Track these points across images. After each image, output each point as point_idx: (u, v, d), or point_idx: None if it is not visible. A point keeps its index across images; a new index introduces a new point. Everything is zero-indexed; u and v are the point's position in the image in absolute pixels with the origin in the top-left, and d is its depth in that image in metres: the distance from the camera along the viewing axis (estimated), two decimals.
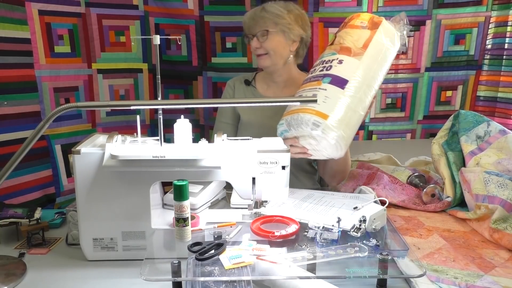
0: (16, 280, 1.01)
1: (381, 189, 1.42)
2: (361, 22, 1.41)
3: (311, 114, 1.29)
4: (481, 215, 1.24)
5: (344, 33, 1.42)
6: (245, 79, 1.76)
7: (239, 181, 1.09)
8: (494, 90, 2.20)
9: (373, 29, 1.39)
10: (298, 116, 1.31)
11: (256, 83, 1.75)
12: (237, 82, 1.77)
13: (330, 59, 1.38)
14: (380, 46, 1.38)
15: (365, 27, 1.40)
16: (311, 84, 1.37)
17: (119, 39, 2.07)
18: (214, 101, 1.66)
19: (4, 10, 1.68)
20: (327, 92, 1.31)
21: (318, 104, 1.28)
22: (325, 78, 1.34)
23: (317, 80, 1.35)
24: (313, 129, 1.29)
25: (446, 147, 1.53)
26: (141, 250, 1.09)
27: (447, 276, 1.00)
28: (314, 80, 1.36)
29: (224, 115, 1.76)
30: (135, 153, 1.03)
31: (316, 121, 1.28)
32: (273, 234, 1.04)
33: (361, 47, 1.36)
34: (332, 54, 1.39)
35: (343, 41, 1.40)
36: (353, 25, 1.42)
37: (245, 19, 1.63)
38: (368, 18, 1.42)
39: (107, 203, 1.07)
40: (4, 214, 1.22)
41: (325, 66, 1.37)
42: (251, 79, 1.76)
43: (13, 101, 1.74)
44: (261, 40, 1.57)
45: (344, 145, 1.33)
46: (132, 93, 2.15)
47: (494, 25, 2.15)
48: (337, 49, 1.39)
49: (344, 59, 1.35)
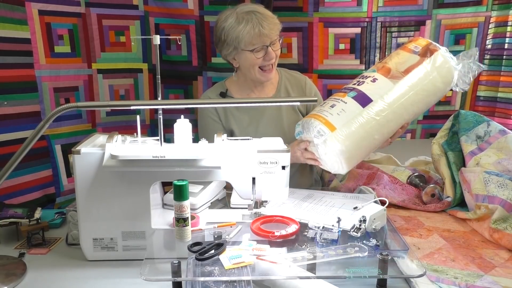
0: (16, 280, 1.01)
1: (381, 189, 1.42)
2: (415, 47, 1.35)
3: (319, 122, 1.27)
4: (481, 215, 1.24)
5: (395, 54, 1.38)
6: (220, 92, 1.66)
7: (239, 181, 1.09)
8: (494, 90, 2.20)
9: (424, 56, 1.32)
10: (310, 120, 1.29)
11: (231, 92, 1.67)
12: (212, 95, 1.68)
13: (367, 75, 1.35)
14: (426, 76, 1.30)
15: (416, 53, 1.34)
16: (338, 94, 1.34)
17: (119, 39, 2.07)
18: (214, 101, 1.65)
19: (4, 10, 1.67)
20: (346, 106, 1.28)
21: (331, 114, 1.26)
22: (351, 92, 1.30)
23: (344, 92, 1.32)
24: (316, 137, 1.27)
25: (446, 147, 1.53)
26: (141, 250, 1.09)
27: (447, 276, 1.00)
28: (342, 92, 1.34)
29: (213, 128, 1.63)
30: (135, 153, 1.03)
31: (321, 130, 1.26)
32: (273, 234, 1.04)
33: (402, 71, 1.30)
34: (372, 71, 1.36)
35: (388, 61, 1.35)
36: (406, 48, 1.37)
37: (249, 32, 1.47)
38: (424, 44, 1.35)
39: (107, 203, 1.07)
40: (4, 214, 1.22)
41: (359, 80, 1.34)
42: (225, 89, 1.66)
43: (13, 101, 1.74)
44: (275, 48, 1.51)
45: (346, 163, 1.28)
46: (132, 93, 2.15)
47: (494, 25, 2.15)
48: (379, 67, 1.35)
49: (379, 78, 1.31)
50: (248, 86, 1.67)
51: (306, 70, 2.15)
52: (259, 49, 1.50)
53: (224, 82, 1.71)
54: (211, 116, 1.66)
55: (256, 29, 1.47)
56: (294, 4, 2.12)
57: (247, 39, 1.48)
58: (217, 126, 1.65)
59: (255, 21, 1.47)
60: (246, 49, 1.51)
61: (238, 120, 1.65)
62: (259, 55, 1.51)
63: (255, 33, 1.47)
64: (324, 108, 1.31)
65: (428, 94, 1.31)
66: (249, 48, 1.50)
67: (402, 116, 1.30)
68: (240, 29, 1.48)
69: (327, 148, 1.27)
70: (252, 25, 1.47)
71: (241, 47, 1.51)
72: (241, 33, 1.48)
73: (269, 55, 1.50)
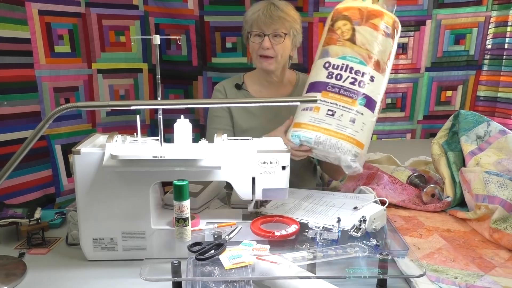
0: (16, 280, 1.01)
1: (381, 189, 1.42)
2: (386, 28, 1.29)
3: (352, 144, 1.24)
4: (481, 215, 1.24)
5: (370, 35, 1.28)
6: (236, 83, 1.67)
7: (239, 181, 1.09)
8: (494, 90, 2.20)
9: (393, 37, 1.31)
10: (338, 142, 1.23)
11: (247, 86, 1.67)
12: (227, 86, 1.68)
13: (360, 70, 1.26)
14: (393, 57, 1.32)
15: (389, 35, 1.30)
16: (344, 99, 1.26)
17: (119, 39, 2.07)
18: (214, 101, 1.64)
19: (4, 10, 1.68)
20: (364, 118, 1.25)
21: (357, 132, 1.24)
22: (360, 99, 1.26)
23: (351, 98, 1.25)
24: (353, 161, 1.25)
25: (446, 147, 1.53)
26: (141, 250, 1.09)
27: (447, 276, 1.00)
28: (347, 96, 1.26)
29: (219, 121, 1.65)
30: (135, 153, 1.03)
31: (356, 153, 1.25)
32: (273, 234, 1.04)
33: (386, 61, 1.30)
34: (360, 62, 1.27)
35: (370, 48, 1.28)
36: (377, 27, 1.29)
37: (255, 15, 1.51)
38: (392, 23, 1.31)
39: (107, 203, 1.07)
40: (4, 214, 1.22)
41: (357, 79, 1.26)
42: (241, 82, 1.68)
43: (13, 101, 1.74)
44: (274, 42, 1.51)
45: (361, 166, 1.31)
46: (132, 93, 2.15)
47: (494, 25, 2.15)
48: (365, 57, 1.27)
49: (375, 76, 1.27)
50: (261, 82, 1.66)
51: (306, 70, 2.15)
52: (256, 34, 1.53)
53: (243, 75, 1.72)
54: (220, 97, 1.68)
55: (261, 14, 1.50)
56: (294, 4, 2.11)
57: (249, 21, 1.54)
58: (224, 113, 1.65)
59: (265, 8, 1.51)
60: (246, 29, 1.57)
61: (248, 116, 1.64)
62: (255, 40, 1.54)
63: (258, 18, 1.51)
64: (346, 125, 1.25)
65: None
66: (248, 29, 1.56)
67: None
68: (250, 11, 1.56)
69: (357, 164, 1.27)
70: (260, 10, 1.52)
71: (246, 28, 1.58)
72: (249, 14, 1.55)
73: (263, 44, 1.51)
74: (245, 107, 1.65)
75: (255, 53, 1.55)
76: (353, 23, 1.30)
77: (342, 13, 1.33)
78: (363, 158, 1.28)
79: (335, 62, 1.29)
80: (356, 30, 1.29)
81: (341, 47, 1.29)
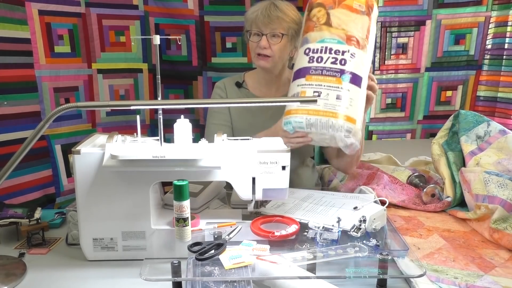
0: (16, 280, 1.01)
1: (381, 189, 1.42)
2: (359, 6, 1.30)
3: (344, 120, 1.24)
4: (481, 215, 1.24)
5: (344, 16, 1.30)
6: (236, 81, 1.69)
7: (239, 181, 1.09)
8: (494, 90, 2.20)
9: (369, 14, 1.31)
10: (329, 121, 1.24)
11: (247, 84, 1.69)
12: (228, 84, 1.70)
13: (340, 49, 1.28)
14: (373, 34, 1.33)
15: (364, 13, 1.30)
16: (328, 79, 1.27)
17: (119, 39, 2.07)
18: (214, 101, 1.64)
19: (4, 10, 1.67)
20: (351, 94, 1.26)
21: (346, 108, 1.24)
22: (344, 76, 1.26)
23: (334, 76, 1.26)
24: (347, 136, 1.25)
25: (446, 147, 1.53)
26: (141, 250, 1.09)
27: (447, 276, 1.00)
28: (330, 75, 1.27)
29: (218, 117, 1.67)
30: (135, 153, 1.03)
31: (349, 128, 1.24)
32: (273, 234, 1.04)
33: (365, 38, 1.30)
34: (339, 42, 1.28)
35: (346, 28, 1.29)
36: (351, 7, 1.30)
37: (254, 15, 1.53)
38: (365, 1, 1.32)
39: (107, 203, 1.07)
40: (4, 214, 1.22)
41: (337, 58, 1.27)
42: (242, 80, 1.70)
43: (13, 101, 1.74)
44: (272, 41, 1.52)
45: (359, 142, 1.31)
46: (132, 93, 2.15)
47: (494, 25, 2.15)
48: (343, 37, 1.28)
49: (355, 52, 1.28)
50: (261, 80, 1.67)
51: None
52: (255, 33, 1.54)
53: (244, 73, 1.73)
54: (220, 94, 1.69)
55: (260, 14, 1.52)
56: (294, 4, 2.11)
57: (249, 20, 1.56)
58: (223, 109, 1.67)
59: (264, 8, 1.53)
60: (246, 28, 1.59)
61: (247, 114, 1.65)
62: (254, 39, 1.55)
63: (256, 17, 1.52)
64: (333, 103, 1.26)
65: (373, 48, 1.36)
66: (248, 28, 1.57)
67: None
68: (250, 10, 1.57)
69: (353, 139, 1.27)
70: (259, 10, 1.53)
71: (246, 27, 1.59)
72: (249, 13, 1.57)
73: (261, 43, 1.52)
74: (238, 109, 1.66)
75: (253, 51, 1.57)
76: (327, 8, 1.32)
77: (316, 1, 1.36)
78: (358, 133, 1.28)
79: (314, 46, 1.31)
80: (331, 13, 1.31)
81: (319, 32, 1.32)
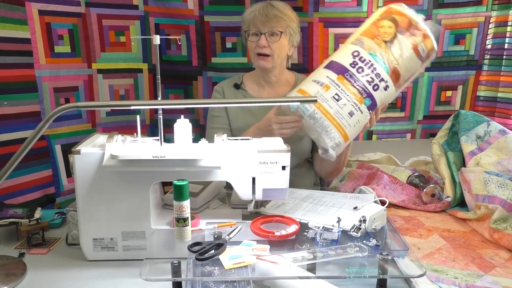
0: (16, 280, 1.01)
1: (381, 189, 1.42)
2: (423, 51, 1.29)
3: (340, 134, 1.28)
4: (481, 215, 1.24)
5: (406, 50, 1.28)
6: (234, 83, 1.70)
7: (239, 181, 1.09)
8: (494, 90, 2.20)
9: (424, 61, 1.32)
10: (329, 126, 1.27)
11: (245, 85, 1.70)
12: (226, 86, 1.71)
13: (381, 75, 1.27)
14: (414, 77, 1.36)
15: (422, 58, 1.30)
16: (354, 93, 1.27)
17: (119, 39, 2.07)
18: (214, 101, 1.64)
19: (4, 10, 1.68)
20: (361, 117, 1.29)
21: (349, 126, 1.28)
22: (367, 100, 1.28)
23: (361, 94, 1.27)
24: (332, 147, 1.29)
25: (446, 147, 1.53)
26: (141, 250, 1.09)
27: (447, 276, 1.00)
28: (358, 91, 1.27)
29: (217, 121, 1.67)
30: (135, 153, 1.03)
31: (339, 143, 1.29)
32: (273, 234, 1.04)
33: (406, 79, 1.32)
34: (385, 69, 1.27)
35: (399, 62, 1.28)
36: (415, 46, 1.28)
37: (251, 15, 1.55)
38: (430, 48, 1.30)
39: (107, 203, 1.07)
40: (4, 214, 1.22)
41: (374, 80, 1.27)
42: (240, 81, 1.70)
43: (13, 101, 1.74)
44: (271, 40, 1.53)
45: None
46: (132, 93, 2.15)
47: (494, 25, 2.15)
48: (391, 67, 1.28)
49: (390, 86, 1.29)
50: (259, 81, 1.68)
51: (306, 70, 2.15)
52: (253, 33, 1.56)
53: (242, 75, 1.74)
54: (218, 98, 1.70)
55: (258, 14, 1.54)
56: (294, 4, 2.12)
57: (247, 21, 1.57)
58: (222, 113, 1.67)
59: (261, 8, 1.55)
60: (244, 29, 1.60)
61: (245, 115, 1.66)
62: (252, 39, 1.57)
63: (254, 17, 1.54)
64: (343, 115, 1.27)
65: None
66: (246, 29, 1.58)
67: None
68: (247, 11, 1.59)
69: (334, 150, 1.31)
70: (257, 10, 1.55)
71: (244, 28, 1.60)
72: (246, 14, 1.59)
73: (260, 42, 1.53)
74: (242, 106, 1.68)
75: (253, 51, 1.58)
76: (398, 30, 1.29)
77: (392, 15, 1.32)
78: (341, 150, 1.33)
79: (364, 55, 1.29)
80: (397, 37, 1.29)
81: (376, 45, 1.29)
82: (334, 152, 1.31)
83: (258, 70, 1.65)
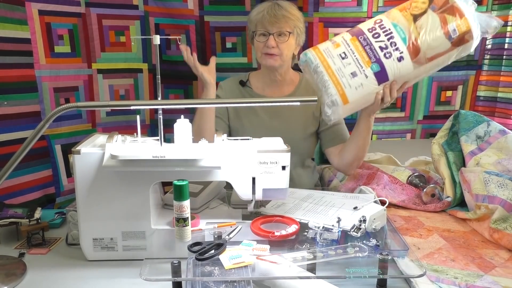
0: (16, 280, 1.01)
1: (381, 189, 1.42)
2: (454, 31, 1.21)
3: (337, 92, 1.25)
4: (481, 215, 1.24)
5: (433, 27, 1.21)
6: (240, 80, 1.72)
7: (239, 181, 1.09)
8: (494, 90, 2.20)
9: (456, 46, 1.23)
10: (327, 82, 1.25)
11: (251, 83, 1.71)
12: (230, 83, 1.73)
13: (397, 44, 1.23)
14: (445, 60, 1.27)
15: (451, 39, 1.22)
16: (363, 55, 1.24)
17: (119, 39, 2.07)
18: (214, 101, 1.64)
19: (4, 10, 1.67)
20: (366, 81, 1.25)
21: (350, 87, 1.24)
22: (375, 64, 1.24)
23: (369, 57, 1.24)
24: (328, 105, 1.27)
25: (446, 147, 1.53)
26: (141, 250, 1.09)
27: (447, 276, 1.00)
28: (367, 54, 1.24)
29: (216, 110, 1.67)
30: (135, 153, 1.03)
31: (335, 101, 1.26)
32: (273, 234, 1.04)
33: (428, 58, 1.24)
34: (403, 40, 1.22)
35: (422, 37, 1.22)
36: (445, 24, 1.21)
37: (260, 15, 1.55)
38: (464, 31, 1.21)
39: (107, 203, 1.07)
40: (4, 214, 1.22)
41: (387, 48, 1.23)
42: (246, 79, 1.72)
43: (13, 101, 1.74)
44: (279, 40, 1.54)
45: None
46: (132, 93, 2.15)
47: None
48: (410, 38, 1.22)
49: (405, 58, 1.23)
50: (265, 80, 1.69)
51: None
52: (261, 33, 1.56)
53: (249, 73, 1.75)
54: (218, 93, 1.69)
55: (266, 14, 1.54)
56: (295, 4, 2.12)
57: (254, 21, 1.58)
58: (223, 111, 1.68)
59: (269, 8, 1.55)
60: (251, 29, 1.61)
61: (249, 116, 1.66)
62: (260, 39, 1.57)
63: (262, 17, 1.54)
64: (345, 73, 1.25)
65: (438, 68, 1.31)
66: (253, 29, 1.59)
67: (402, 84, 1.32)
68: (255, 11, 1.59)
69: (331, 114, 1.29)
70: (264, 10, 1.55)
71: (251, 28, 1.61)
72: (253, 14, 1.59)
73: (269, 43, 1.54)
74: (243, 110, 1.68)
75: (260, 51, 1.58)
76: (431, 6, 1.24)
77: None
78: (340, 112, 1.29)
79: (386, 23, 1.27)
80: (428, 13, 1.23)
81: (402, 17, 1.26)
82: (330, 111, 1.27)
83: (264, 68, 1.66)
